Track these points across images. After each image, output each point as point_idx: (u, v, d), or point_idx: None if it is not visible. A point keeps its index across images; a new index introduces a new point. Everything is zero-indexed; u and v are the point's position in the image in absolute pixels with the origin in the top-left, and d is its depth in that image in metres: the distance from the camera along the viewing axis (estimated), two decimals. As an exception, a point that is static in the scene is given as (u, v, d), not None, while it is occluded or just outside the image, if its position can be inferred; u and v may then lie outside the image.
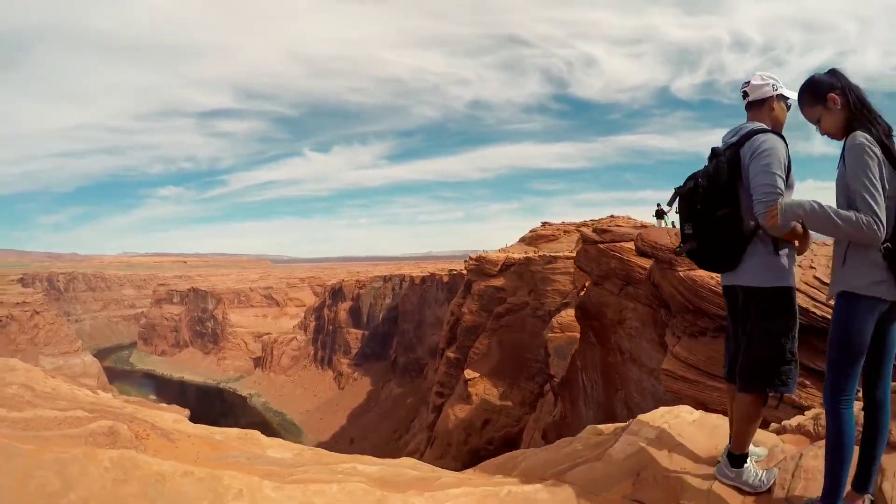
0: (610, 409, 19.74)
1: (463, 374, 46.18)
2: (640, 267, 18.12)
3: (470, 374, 45.34)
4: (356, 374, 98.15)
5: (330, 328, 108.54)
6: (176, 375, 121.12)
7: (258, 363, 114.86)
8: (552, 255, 46.41)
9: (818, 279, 10.85)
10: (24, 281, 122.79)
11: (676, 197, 3.15)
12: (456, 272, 78.17)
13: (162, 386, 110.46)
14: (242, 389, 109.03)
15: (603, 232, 21.51)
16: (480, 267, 51.33)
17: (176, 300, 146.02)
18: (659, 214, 19.24)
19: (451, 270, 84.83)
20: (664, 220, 19.73)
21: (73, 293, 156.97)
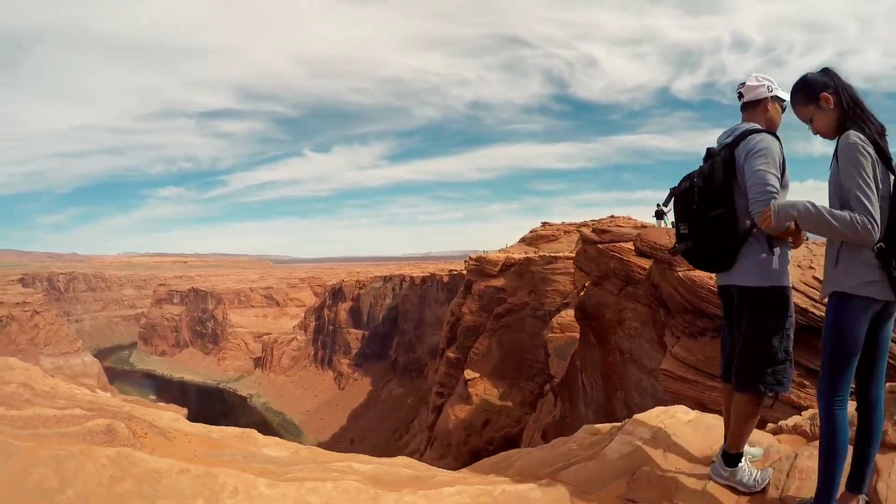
0: (610, 409, 19.72)
1: (463, 374, 46.18)
2: (639, 267, 18.11)
3: (470, 374, 45.34)
4: (356, 374, 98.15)
5: (330, 328, 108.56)
6: (176, 376, 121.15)
7: (258, 363, 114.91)
8: (552, 255, 46.41)
9: (817, 279, 10.85)
10: (24, 281, 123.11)
11: (672, 197, 3.17)
12: (456, 272, 78.14)
13: (162, 386, 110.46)
14: (242, 390, 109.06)
15: (602, 232, 21.53)
16: (480, 267, 51.34)
17: (176, 300, 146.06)
18: (658, 215, 19.22)
19: (451, 271, 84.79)
20: (664, 220, 19.70)
21: (73, 293, 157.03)
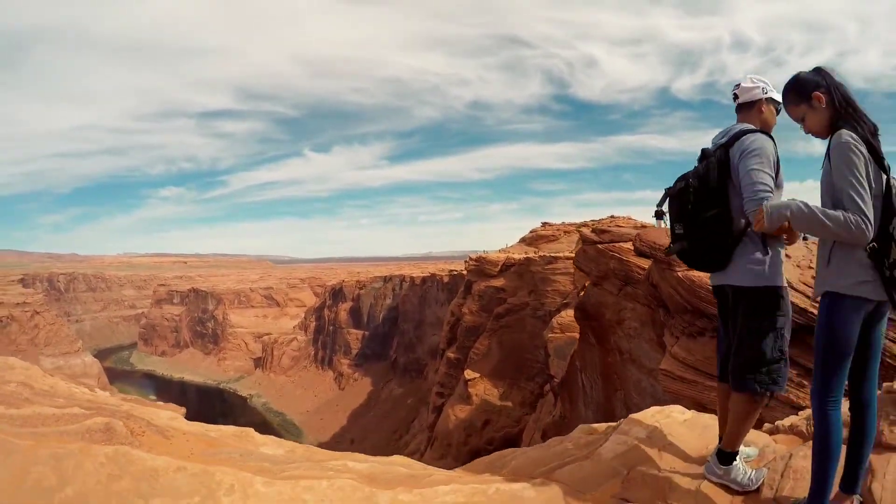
0: (609, 409, 19.73)
1: (463, 374, 46.17)
2: (638, 267, 18.13)
3: (470, 374, 45.32)
4: (356, 374, 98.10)
5: (330, 328, 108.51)
6: (176, 376, 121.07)
7: (258, 363, 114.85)
8: (552, 255, 46.38)
9: (816, 279, 10.86)
10: (24, 281, 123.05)
11: (667, 197, 3.19)
12: (456, 272, 78.04)
13: (162, 386, 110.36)
14: (243, 390, 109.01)
15: (602, 232, 21.54)
16: (481, 267, 51.32)
17: (176, 301, 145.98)
18: (658, 215, 19.13)
19: (451, 271, 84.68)
20: (663, 220, 19.70)
21: (73, 293, 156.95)
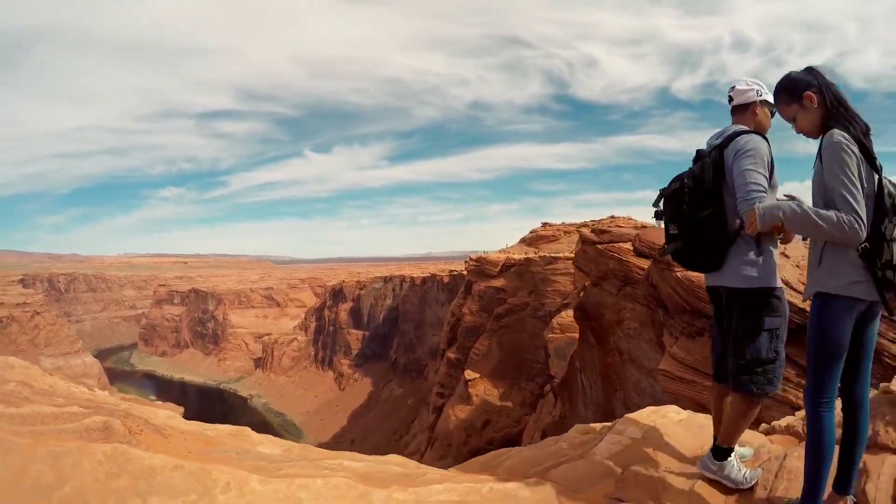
0: (609, 409, 19.72)
1: (463, 374, 46.15)
2: (638, 267, 18.13)
3: (470, 374, 45.32)
4: (357, 374, 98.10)
5: (330, 329, 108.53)
6: (176, 376, 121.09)
7: (259, 364, 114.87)
8: (552, 255, 46.38)
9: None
10: (24, 282, 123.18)
11: (662, 198, 3.20)
12: (456, 273, 78.03)
13: (162, 387, 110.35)
14: (243, 390, 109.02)
15: (601, 232, 21.53)
16: (481, 267, 51.32)
17: (176, 301, 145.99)
18: (659, 215, 19.16)
19: (451, 271, 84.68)
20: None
21: (73, 294, 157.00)
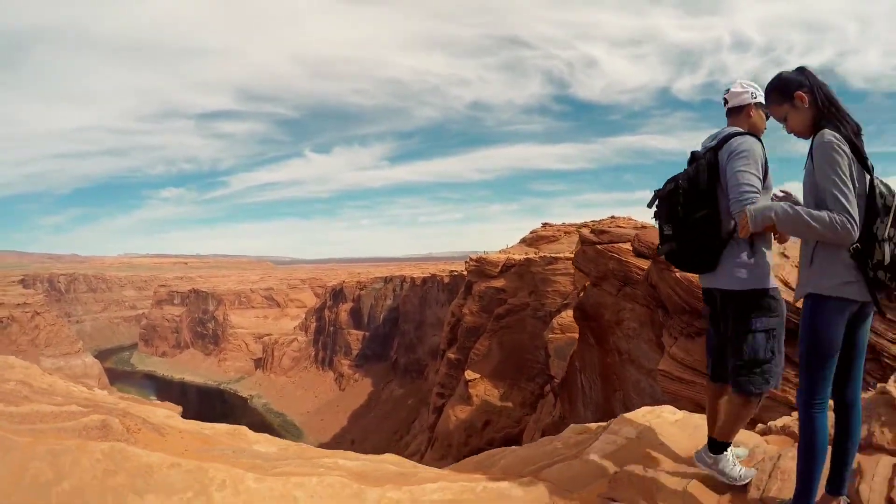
0: (608, 409, 19.72)
1: (463, 374, 46.13)
2: (637, 268, 18.15)
3: (470, 374, 45.30)
4: (357, 375, 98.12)
5: (331, 329, 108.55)
6: (177, 377, 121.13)
7: (259, 364, 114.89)
8: (553, 256, 46.36)
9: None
10: (24, 282, 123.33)
11: (656, 199, 3.22)
12: (456, 273, 78.02)
13: (163, 387, 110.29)
14: (243, 390, 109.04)
15: (601, 233, 21.54)
16: (481, 268, 51.32)
17: (177, 301, 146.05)
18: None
19: (451, 271, 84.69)
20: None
21: (73, 294, 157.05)
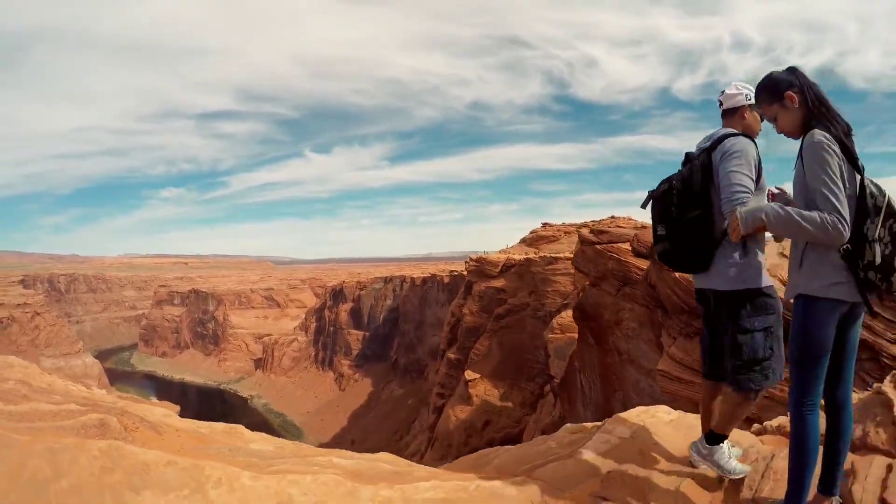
0: (608, 409, 19.75)
1: (463, 374, 46.16)
2: (637, 268, 18.18)
3: (470, 374, 45.34)
4: (357, 375, 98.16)
5: (331, 329, 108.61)
6: (177, 377, 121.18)
7: (259, 364, 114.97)
8: (553, 256, 46.39)
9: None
10: (24, 282, 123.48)
11: (650, 199, 3.23)
12: (456, 273, 78.01)
13: (163, 387, 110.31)
14: (243, 391, 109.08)
15: (600, 233, 21.57)
16: (481, 268, 51.35)
17: (177, 301, 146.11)
18: None
19: (451, 271, 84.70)
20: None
21: (73, 294, 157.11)
